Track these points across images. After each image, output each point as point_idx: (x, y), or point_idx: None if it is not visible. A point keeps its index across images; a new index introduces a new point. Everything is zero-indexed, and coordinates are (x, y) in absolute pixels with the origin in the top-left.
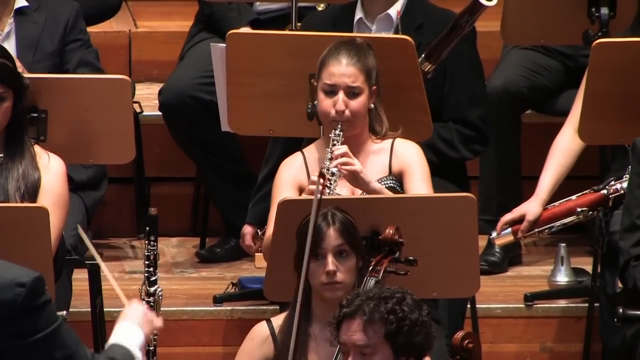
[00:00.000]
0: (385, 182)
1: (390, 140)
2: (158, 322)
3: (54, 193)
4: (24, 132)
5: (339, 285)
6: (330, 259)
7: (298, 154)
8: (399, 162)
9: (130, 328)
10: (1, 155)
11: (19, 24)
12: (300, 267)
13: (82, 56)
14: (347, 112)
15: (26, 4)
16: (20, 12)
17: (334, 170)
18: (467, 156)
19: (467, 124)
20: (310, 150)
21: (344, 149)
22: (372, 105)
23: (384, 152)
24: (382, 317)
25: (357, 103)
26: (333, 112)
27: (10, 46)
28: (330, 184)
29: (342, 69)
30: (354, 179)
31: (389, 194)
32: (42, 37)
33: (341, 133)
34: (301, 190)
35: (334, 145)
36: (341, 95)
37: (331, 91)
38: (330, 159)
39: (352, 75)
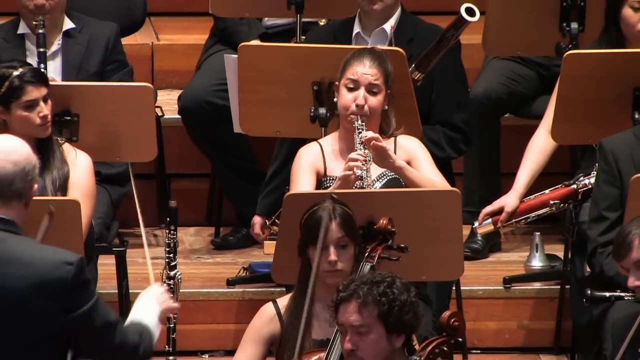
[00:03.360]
0: (391, 175)
1: (392, 138)
2: (174, 303)
3: (83, 185)
4: (51, 132)
5: (340, 272)
6: (332, 250)
7: (314, 143)
8: (404, 153)
9: (150, 305)
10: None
11: (66, 45)
12: (303, 253)
13: (120, 77)
14: (365, 107)
15: (73, 26)
16: (67, 34)
17: (366, 150)
18: (453, 155)
19: (452, 126)
20: (325, 141)
21: (372, 132)
22: (386, 107)
23: (389, 147)
24: (375, 300)
25: (376, 100)
26: (353, 106)
27: (56, 65)
28: (367, 161)
29: (366, 69)
30: (383, 157)
31: (411, 170)
32: (84, 59)
33: (363, 123)
34: (318, 174)
35: (359, 132)
36: (362, 91)
37: (354, 87)
38: (361, 143)
39: (374, 74)
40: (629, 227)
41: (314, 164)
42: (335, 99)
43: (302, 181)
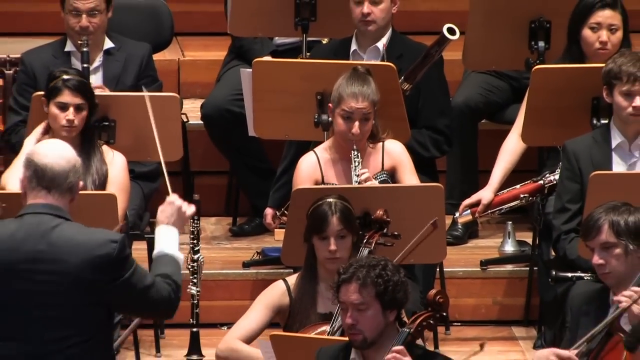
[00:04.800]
0: (380, 177)
1: (380, 143)
2: (190, 209)
3: (119, 182)
4: (94, 135)
5: (339, 260)
6: (332, 240)
7: (312, 154)
8: (390, 159)
9: (167, 232)
10: (79, 154)
11: (106, 62)
12: (309, 240)
13: (152, 90)
14: (360, 134)
15: (112, 45)
16: (107, 52)
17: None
18: (437, 155)
19: (436, 130)
20: (321, 150)
21: (366, 174)
22: (374, 121)
23: (377, 153)
24: (373, 281)
25: (368, 125)
26: (350, 135)
27: (97, 79)
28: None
29: (359, 104)
30: None
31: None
32: (122, 74)
33: (358, 153)
34: (317, 183)
35: (356, 166)
36: (357, 123)
37: (348, 117)
38: (357, 176)
39: (366, 107)
40: (599, 213)
41: (312, 175)
42: (329, 118)
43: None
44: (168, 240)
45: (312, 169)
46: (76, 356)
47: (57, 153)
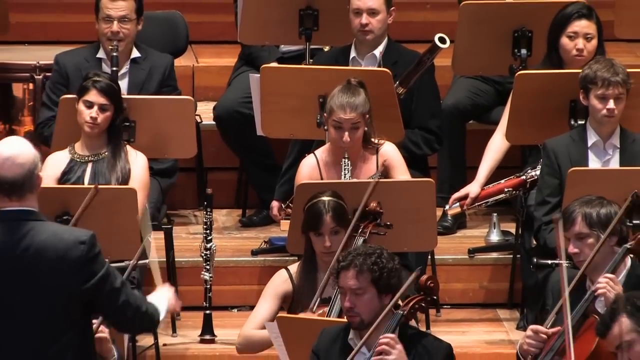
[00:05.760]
0: (374, 178)
1: (375, 151)
2: (178, 304)
3: (140, 179)
4: (120, 136)
5: (334, 253)
6: (326, 237)
7: (312, 156)
8: (383, 159)
9: (163, 295)
10: (105, 151)
11: (132, 69)
12: (306, 233)
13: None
14: (350, 142)
15: (139, 55)
16: (134, 60)
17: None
18: (428, 153)
19: (428, 130)
20: (320, 153)
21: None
22: (366, 129)
23: (372, 156)
24: (369, 268)
25: (358, 134)
26: (341, 143)
27: (124, 84)
28: None
29: (347, 115)
30: None
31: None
32: (146, 81)
33: (349, 161)
34: None
35: (345, 174)
36: (347, 133)
37: (339, 127)
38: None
39: (354, 117)
40: (573, 206)
41: (312, 176)
42: (325, 127)
43: None
44: (160, 299)
45: (312, 170)
46: (53, 355)
47: (12, 161)
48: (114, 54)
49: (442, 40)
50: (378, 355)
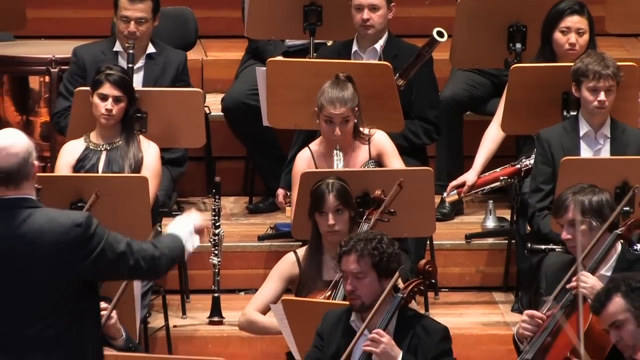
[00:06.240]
0: (368, 165)
1: (367, 140)
2: (206, 222)
3: (152, 168)
4: (133, 126)
5: (337, 232)
6: (330, 215)
7: (306, 150)
8: (376, 148)
9: (183, 221)
10: (119, 140)
11: (147, 64)
12: (312, 217)
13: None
14: (341, 135)
15: (154, 50)
16: (149, 56)
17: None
18: (427, 142)
19: (427, 121)
20: (314, 146)
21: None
22: (355, 121)
23: (364, 145)
24: (370, 252)
25: (348, 127)
26: (333, 136)
27: (139, 78)
28: None
29: (337, 110)
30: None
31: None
32: (160, 76)
33: (340, 152)
34: None
35: (338, 163)
36: (337, 128)
37: (330, 121)
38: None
39: (344, 112)
40: (567, 194)
41: (307, 167)
42: (317, 121)
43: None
44: (180, 226)
45: (306, 162)
46: (55, 336)
47: (6, 151)
48: (130, 51)
49: (440, 34)
50: (368, 348)
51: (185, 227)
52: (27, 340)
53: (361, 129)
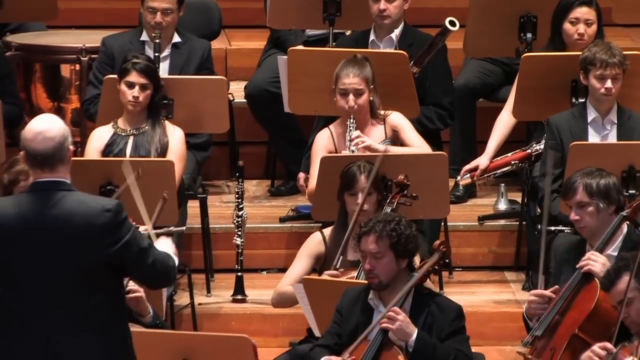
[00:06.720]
0: (384, 144)
1: (383, 120)
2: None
3: (177, 152)
4: (159, 112)
5: (365, 212)
6: (360, 196)
7: (326, 130)
8: (391, 127)
9: (168, 243)
10: (145, 126)
11: (172, 53)
12: (341, 198)
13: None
14: (355, 107)
15: (180, 40)
16: (175, 45)
17: (353, 147)
18: (441, 127)
19: (441, 107)
20: (334, 126)
21: (357, 132)
22: (372, 98)
23: (380, 125)
24: (388, 234)
25: (362, 100)
26: (347, 107)
27: (165, 67)
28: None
29: (350, 80)
30: (369, 150)
31: (394, 149)
32: (185, 64)
33: (354, 121)
34: (330, 152)
35: (350, 131)
36: (351, 96)
37: (344, 93)
38: (350, 140)
39: (357, 82)
40: (575, 177)
41: (327, 147)
42: (334, 98)
43: (318, 159)
44: (167, 247)
45: (326, 141)
46: (83, 318)
47: (43, 135)
48: (157, 40)
49: (452, 23)
50: (385, 325)
51: (169, 247)
52: (55, 321)
53: (379, 111)
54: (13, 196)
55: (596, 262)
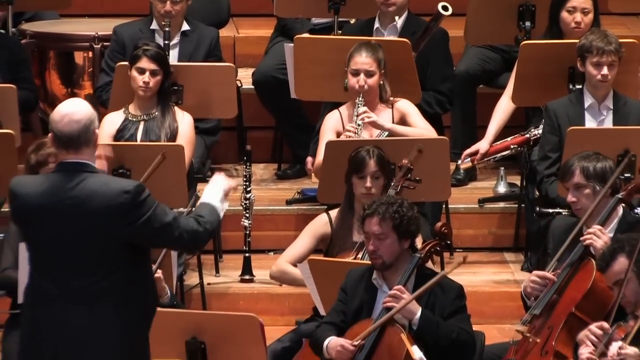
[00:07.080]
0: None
1: (391, 105)
2: (232, 182)
3: (186, 136)
4: (169, 98)
5: (372, 195)
6: (368, 179)
7: (336, 111)
8: (399, 112)
9: (215, 189)
10: (155, 111)
11: (182, 41)
12: (348, 180)
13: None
14: (365, 86)
15: (188, 28)
16: (184, 33)
17: (360, 122)
18: (440, 112)
19: (440, 92)
20: (343, 108)
21: (365, 108)
22: (381, 82)
23: (388, 109)
24: (391, 215)
25: (372, 80)
26: (357, 86)
27: (174, 55)
28: (358, 132)
29: (363, 59)
30: (374, 126)
31: (399, 128)
32: (194, 52)
33: (362, 99)
34: (339, 134)
35: (358, 107)
36: (362, 75)
37: (356, 73)
38: (357, 115)
39: (369, 63)
40: (572, 160)
41: (335, 127)
42: (346, 80)
43: (327, 138)
44: (213, 194)
45: (335, 122)
46: (100, 292)
47: (69, 118)
48: (167, 29)
49: (445, 8)
50: (389, 303)
51: (218, 194)
52: (73, 293)
53: (388, 97)
54: (38, 175)
55: (600, 238)
